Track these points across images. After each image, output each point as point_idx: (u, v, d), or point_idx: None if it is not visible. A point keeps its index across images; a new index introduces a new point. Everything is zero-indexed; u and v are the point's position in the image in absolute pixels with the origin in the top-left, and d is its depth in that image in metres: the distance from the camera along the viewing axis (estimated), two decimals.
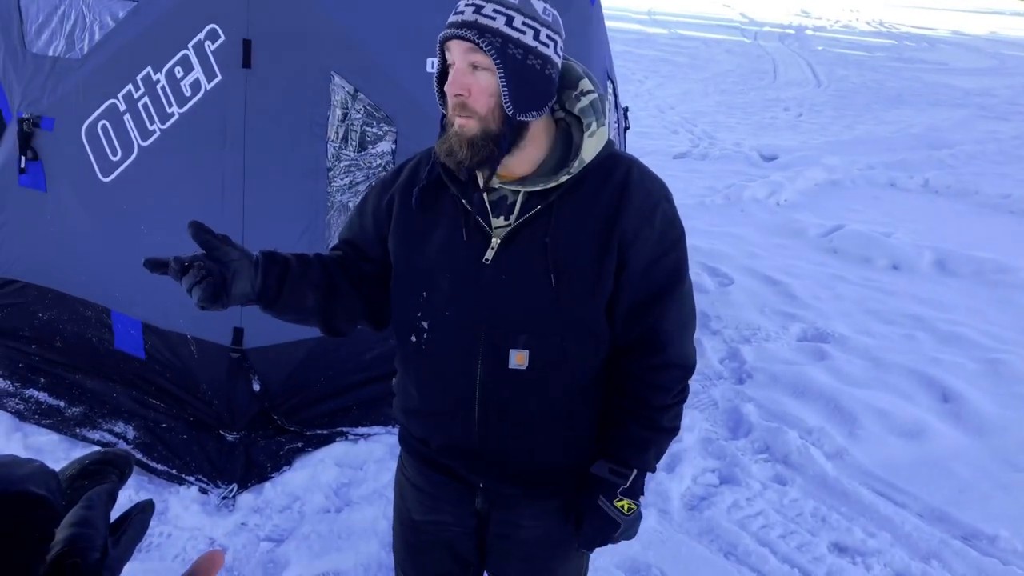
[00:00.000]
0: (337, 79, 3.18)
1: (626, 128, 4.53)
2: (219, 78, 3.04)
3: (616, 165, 1.51)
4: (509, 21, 1.39)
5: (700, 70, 17.20)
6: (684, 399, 1.61)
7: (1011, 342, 4.82)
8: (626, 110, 4.54)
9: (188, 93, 3.08)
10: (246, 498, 2.99)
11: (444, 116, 1.49)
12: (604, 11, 4.22)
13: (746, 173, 8.66)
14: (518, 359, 1.49)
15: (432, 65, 3.44)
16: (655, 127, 10.88)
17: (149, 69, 3.12)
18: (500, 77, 1.39)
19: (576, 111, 1.49)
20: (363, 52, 3.23)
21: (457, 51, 1.40)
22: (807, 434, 3.66)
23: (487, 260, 1.48)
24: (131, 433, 3.22)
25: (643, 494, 1.61)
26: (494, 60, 1.38)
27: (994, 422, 3.89)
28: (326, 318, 1.60)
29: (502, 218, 1.49)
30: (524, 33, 1.40)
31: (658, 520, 3.05)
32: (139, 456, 3.08)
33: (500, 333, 1.49)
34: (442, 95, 1.48)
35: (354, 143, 3.29)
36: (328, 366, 3.35)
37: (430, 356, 1.56)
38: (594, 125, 1.48)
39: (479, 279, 1.49)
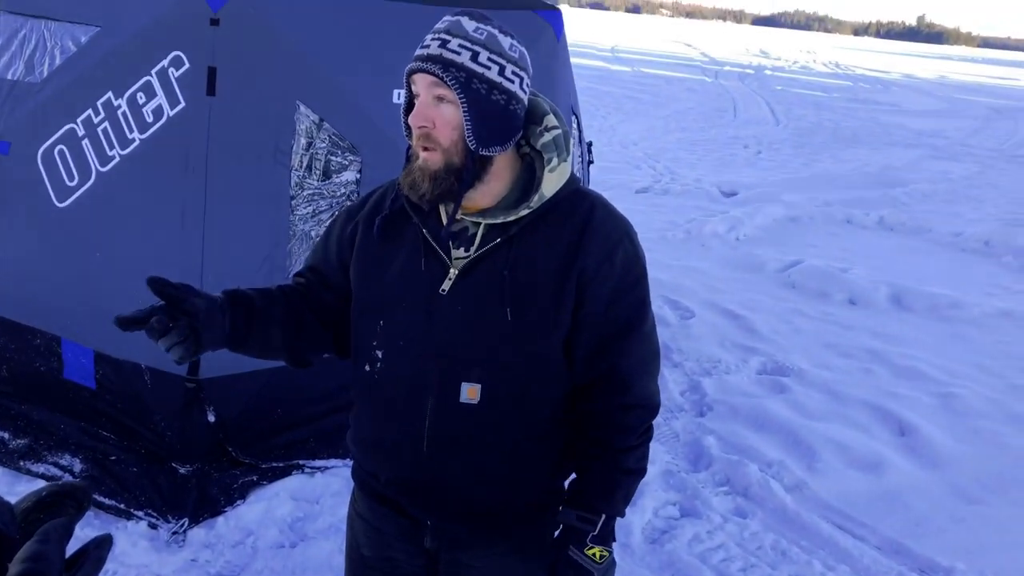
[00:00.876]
0: (302, 108, 3.17)
1: (590, 162, 4.58)
2: (182, 105, 3.01)
3: (580, 201, 1.51)
4: (474, 56, 1.40)
5: (662, 107, 17.51)
6: (649, 439, 1.59)
7: (964, 376, 4.93)
8: (590, 145, 4.58)
9: (150, 119, 3.05)
10: (197, 533, 2.91)
11: (410, 147, 1.49)
12: (569, 48, 4.27)
13: (707, 208, 8.80)
14: (470, 393, 1.48)
15: (399, 96, 3.45)
16: (618, 162, 11.01)
17: (110, 94, 3.09)
18: (464, 112, 1.39)
19: (539, 146, 1.50)
20: (329, 81, 3.23)
21: (422, 84, 1.41)
22: (767, 467, 3.68)
23: (444, 291, 1.48)
24: (78, 466, 3.12)
25: (615, 540, 1.58)
26: (458, 95, 1.38)
27: (949, 455, 3.96)
28: (292, 352, 1.61)
29: (462, 249, 1.49)
30: (489, 68, 1.41)
31: (619, 554, 3.02)
32: None
33: (452, 365, 1.48)
34: (408, 126, 1.49)
35: (318, 172, 3.27)
36: (286, 397, 3.29)
37: (382, 386, 1.55)
38: (555, 160, 1.48)
39: (434, 310, 1.48)
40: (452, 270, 1.48)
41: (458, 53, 1.39)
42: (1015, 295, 6.71)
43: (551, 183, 1.48)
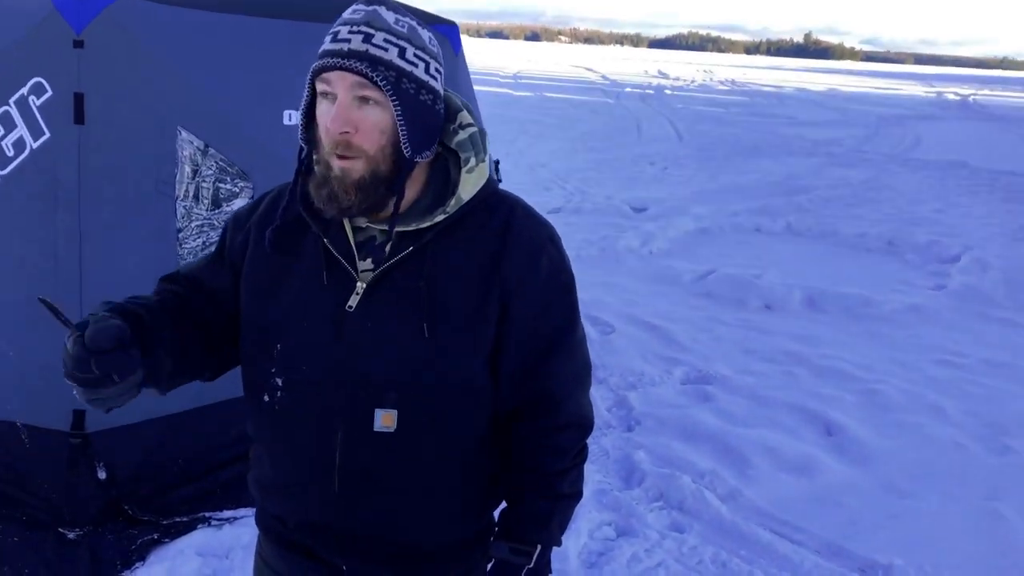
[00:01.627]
0: (184, 133, 2.95)
1: (498, 181, 4.47)
2: (47, 135, 2.76)
3: (498, 204, 1.37)
4: (402, 53, 1.24)
5: (568, 129, 17.69)
6: (583, 460, 1.46)
7: (883, 372, 4.98)
8: (497, 163, 4.48)
9: (11, 153, 2.79)
10: None
11: (303, 152, 1.32)
12: (472, 76, 4.19)
13: (619, 225, 8.81)
14: (385, 420, 1.31)
15: (290, 118, 3.27)
16: (528, 184, 10.96)
17: None
18: (397, 115, 1.23)
19: (454, 145, 1.35)
20: (212, 104, 3.02)
21: (341, 84, 1.22)
22: (700, 477, 3.59)
23: (351, 307, 1.31)
24: None
25: (551, 572, 1.45)
26: (389, 96, 1.22)
27: (876, 451, 3.95)
28: (172, 382, 1.38)
29: (370, 260, 1.33)
30: (416, 66, 1.26)
31: None
32: None
33: (364, 390, 1.31)
34: (307, 132, 1.31)
35: (207, 201, 3.05)
36: (187, 445, 3.03)
37: (284, 418, 1.37)
38: (473, 161, 1.34)
39: (341, 329, 1.31)
40: (359, 284, 1.32)
41: (385, 49, 1.22)
42: (920, 290, 6.90)
43: (469, 185, 1.33)
